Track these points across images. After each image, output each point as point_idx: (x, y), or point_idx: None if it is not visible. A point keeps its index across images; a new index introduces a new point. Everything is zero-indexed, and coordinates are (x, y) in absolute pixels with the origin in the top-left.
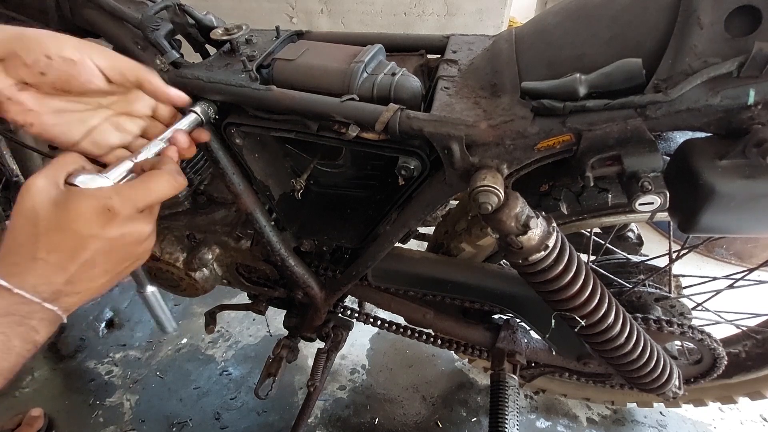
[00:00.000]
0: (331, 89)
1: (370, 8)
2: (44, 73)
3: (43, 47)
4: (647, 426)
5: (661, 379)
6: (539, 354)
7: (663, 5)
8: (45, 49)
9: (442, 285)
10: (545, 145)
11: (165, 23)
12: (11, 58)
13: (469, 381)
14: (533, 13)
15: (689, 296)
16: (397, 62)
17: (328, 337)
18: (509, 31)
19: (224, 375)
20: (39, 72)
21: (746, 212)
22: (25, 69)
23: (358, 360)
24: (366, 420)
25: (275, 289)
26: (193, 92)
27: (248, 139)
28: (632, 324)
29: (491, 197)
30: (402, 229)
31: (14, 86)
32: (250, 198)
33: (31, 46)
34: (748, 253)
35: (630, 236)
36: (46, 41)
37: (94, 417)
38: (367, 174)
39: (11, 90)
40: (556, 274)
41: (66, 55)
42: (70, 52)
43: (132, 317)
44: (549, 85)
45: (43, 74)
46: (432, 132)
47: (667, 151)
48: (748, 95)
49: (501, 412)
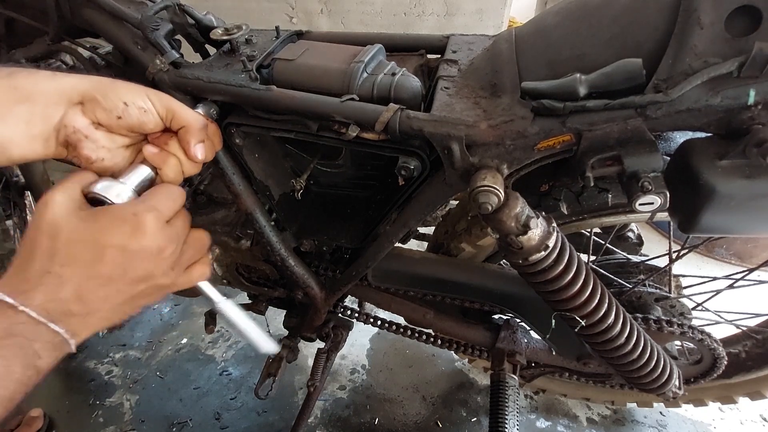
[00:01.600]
0: (331, 89)
1: (370, 8)
2: (121, 117)
3: (120, 95)
4: (647, 426)
5: (661, 379)
6: (539, 354)
7: (663, 5)
8: (122, 96)
9: (442, 285)
10: (545, 145)
11: (165, 23)
12: (90, 103)
13: (469, 381)
14: (533, 13)
15: (689, 296)
16: (397, 62)
17: (328, 337)
18: (509, 31)
19: (224, 375)
20: (116, 116)
21: (746, 212)
22: (102, 112)
23: (358, 360)
24: (366, 420)
25: (275, 289)
26: (193, 92)
27: (248, 139)
28: (632, 324)
29: (491, 197)
30: (402, 229)
31: (91, 125)
32: (250, 198)
33: (109, 94)
34: (748, 253)
35: (630, 236)
36: (122, 90)
37: (94, 417)
38: (367, 174)
39: (89, 129)
40: (556, 274)
41: (139, 104)
42: (143, 101)
43: (132, 317)
44: (549, 85)
45: (119, 118)
46: (432, 132)
47: (667, 151)
48: (748, 95)
49: (501, 412)
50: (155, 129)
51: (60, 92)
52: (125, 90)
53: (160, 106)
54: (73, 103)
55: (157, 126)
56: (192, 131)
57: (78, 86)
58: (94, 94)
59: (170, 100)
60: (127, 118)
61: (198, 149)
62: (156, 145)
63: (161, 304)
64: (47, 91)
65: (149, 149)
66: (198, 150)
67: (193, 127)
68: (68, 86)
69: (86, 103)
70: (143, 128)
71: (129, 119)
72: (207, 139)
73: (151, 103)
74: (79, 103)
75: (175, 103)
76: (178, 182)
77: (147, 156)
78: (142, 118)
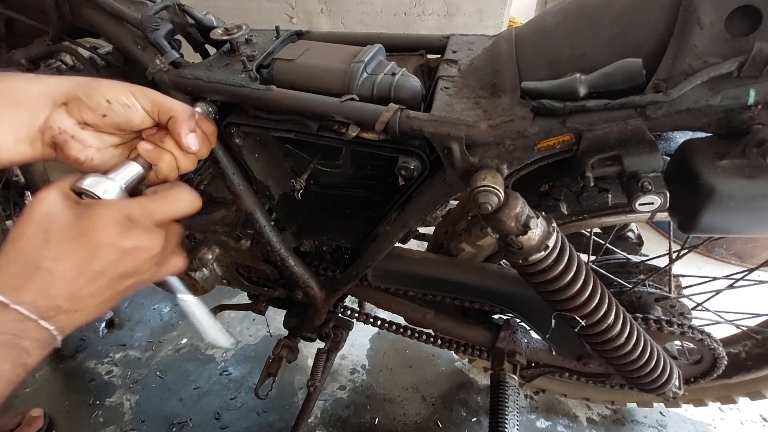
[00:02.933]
0: (331, 89)
1: (370, 8)
2: (105, 115)
3: (103, 93)
4: (647, 426)
5: (661, 379)
6: (539, 354)
7: (663, 5)
8: (105, 94)
9: (442, 285)
10: (545, 145)
11: (165, 23)
12: (74, 102)
13: (469, 381)
14: (533, 13)
15: (689, 296)
16: (397, 62)
17: (328, 337)
18: (509, 31)
19: (224, 375)
20: (101, 114)
21: (746, 212)
22: (88, 111)
23: (358, 360)
24: (366, 420)
25: (275, 289)
26: (193, 92)
27: (248, 139)
28: (632, 324)
29: (491, 197)
30: (402, 229)
31: (77, 126)
32: (250, 198)
33: (92, 92)
34: (748, 253)
35: (630, 236)
36: (104, 87)
37: (94, 417)
38: (367, 174)
39: (75, 129)
40: (556, 274)
41: (122, 101)
42: (126, 98)
43: (132, 317)
44: (549, 85)
45: (104, 116)
46: (432, 132)
47: (667, 151)
48: (748, 95)
49: (501, 412)
50: (143, 125)
51: (44, 94)
52: (108, 88)
53: (144, 101)
54: (57, 104)
55: (144, 121)
56: (180, 120)
57: (61, 87)
58: (77, 94)
59: (155, 94)
60: (112, 116)
61: (190, 139)
62: (150, 142)
63: (161, 304)
64: (31, 93)
65: (143, 146)
66: (190, 140)
67: (180, 116)
68: (52, 88)
69: (70, 103)
70: (130, 125)
71: (114, 117)
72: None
73: (135, 98)
74: (64, 104)
75: (159, 96)
76: (174, 178)
77: (141, 152)
78: (127, 114)
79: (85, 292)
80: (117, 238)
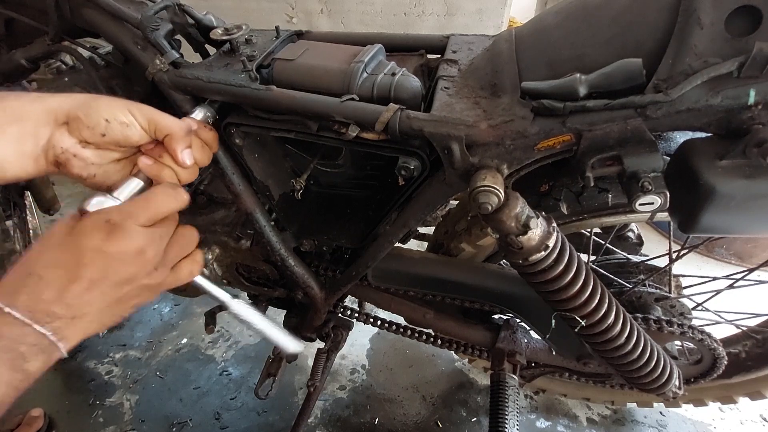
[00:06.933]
0: (331, 89)
1: (370, 8)
2: (105, 135)
3: (101, 112)
4: (647, 426)
5: (661, 379)
6: (539, 354)
7: (663, 5)
8: (103, 113)
9: (442, 285)
10: (545, 145)
11: (165, 23)
12: (74, 122)
13: (469, 381)
14: (533, 13)
15: (689, 296)
16: (397, 62)
17: (328, 337)
18: (509, 31)
19: (224, 375)
20: (100, 133)
21: (746, 212)
22: (87, 130)
23: (358, 360)
24: (366, 420)
25: (275, 289)
26: (193, 92)
27: (248, 139)
28: (632, 324)
29: (491, 197)
30: (402, 229)
31: (78, 144)
32: (250, 198)
33: (90, 112)
34: (748, 253)
35: (630, 236)
36: (103, 106)
37: (94, 417)
38: (367, 174)
39: (76, 148)
40: (556, 274)
41: (120, 119)
42: (124, 116)
43: (132, 317)
44: (549, 85)
45: (103, 135)
46: (432, 132)
47: (667, 151)
48: (748, 95)
49: (501, 412)
50: (141, 141)
51: (47, 113)
52: (106, 106)
53: (142, 119)
54: (59, 123)
55: (142, 138)
56: (176, 138)
57: (62, 106)
58: (77, 113)
59: (152, 112)
60: (111, 134)
61: (185, 155)
62: (150, 157)
63: (161, 304)
64: (35, 111)
65: (143, 161)
66: (186, 156)
67: (176, 134)
68: (54, 106)
69: (71, 122)
70: (128, 142)
71: (113, 135)
72: (200, 142)
73: (132, 116)
74: (65, 123)
75: (156, 114)
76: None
77: (142, 167)
78: (125, 132)
79: (80, 299)
80: (99, 242)
